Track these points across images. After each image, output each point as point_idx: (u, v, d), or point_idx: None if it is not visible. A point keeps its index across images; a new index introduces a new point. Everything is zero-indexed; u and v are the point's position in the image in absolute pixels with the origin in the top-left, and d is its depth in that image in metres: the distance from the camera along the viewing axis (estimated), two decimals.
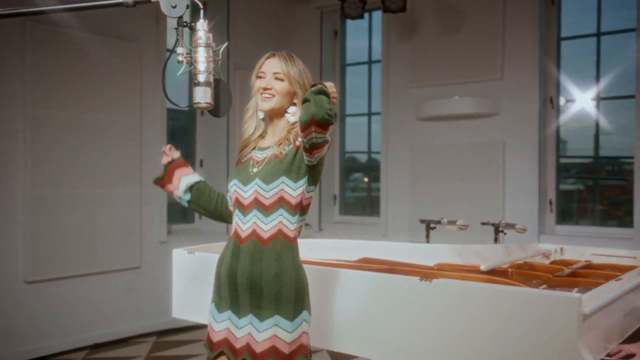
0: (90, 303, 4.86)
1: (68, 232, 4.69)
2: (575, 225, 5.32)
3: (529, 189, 5.25)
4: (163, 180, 2.24)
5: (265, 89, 2.03)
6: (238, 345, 1.98)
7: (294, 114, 2.04)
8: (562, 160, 5.50)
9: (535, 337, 1.93)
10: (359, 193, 6.94)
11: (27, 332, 4.50)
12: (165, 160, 2.24)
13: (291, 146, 2.00)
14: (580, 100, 5.29)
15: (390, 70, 5.99)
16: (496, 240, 3.44)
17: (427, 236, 3.47)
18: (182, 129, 6.01)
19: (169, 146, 2.27)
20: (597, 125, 5.22)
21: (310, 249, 3.20)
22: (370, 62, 6.49)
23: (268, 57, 2.08)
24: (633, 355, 2.12)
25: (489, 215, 5.19)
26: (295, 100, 2.05)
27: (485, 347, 2.02)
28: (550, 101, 5.34)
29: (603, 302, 2.08)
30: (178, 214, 5.83)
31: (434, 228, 3.47)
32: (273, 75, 2.03)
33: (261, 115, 2.13)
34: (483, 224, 3.55)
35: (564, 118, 5.40)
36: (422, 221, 3.53)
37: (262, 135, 2.14)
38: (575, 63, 5.40)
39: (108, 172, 4.95)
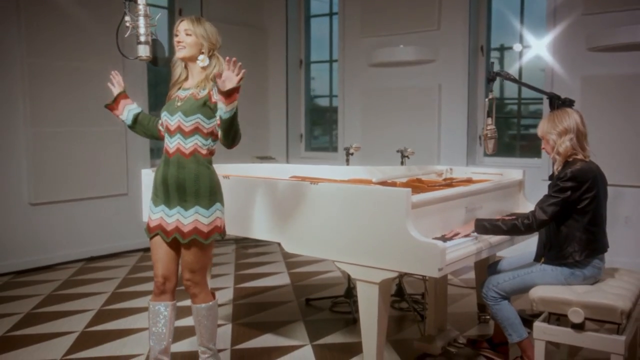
0: (85, 223, 5.79)
1: (65, 164, 5.58)
2: (499, 157, 6.16)
3: (460, 126, 6.08)
4: (112, 106, 3.06)
5: (179, 42, 2.79)
6: (169, 228, 2.80)
7: (202, 60, 2.79)
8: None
9: (382, 219, 2.77)
10: (324, 138, 7.74)
11: (34, 246, 5.43)
12: (115, 91, 3.05)
13: (206, 91, 2.75)
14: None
15: (346, 22, 6.74)
16: (402, 162, 4.31)
17: (347, 160, 4.33)
18: (161, 76, 6.76)
19: (115, 72, 3.06)
20: (520, 71, 6.01)
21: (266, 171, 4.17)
22: (331, 14, 7.21)
23: (181, 21, 2.81)
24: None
25: (427, 146, 6.06)
26: (202, 50, 2.79)
27: (350, 226, 2.88)
28: (481, 49, 6.11)
29: (428, 197, 2.95)
30: (159, 149, 6.66)
31: (352, 153, 4.32)
32: (184, 32, 2.78)
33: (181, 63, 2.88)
34: (397, 151, 4.41)
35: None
36: (344, 149, 4.39)
37: (185, 79, 2.93)
38: (505, 15, 6.13)
39: (96, 112, 5.73)
